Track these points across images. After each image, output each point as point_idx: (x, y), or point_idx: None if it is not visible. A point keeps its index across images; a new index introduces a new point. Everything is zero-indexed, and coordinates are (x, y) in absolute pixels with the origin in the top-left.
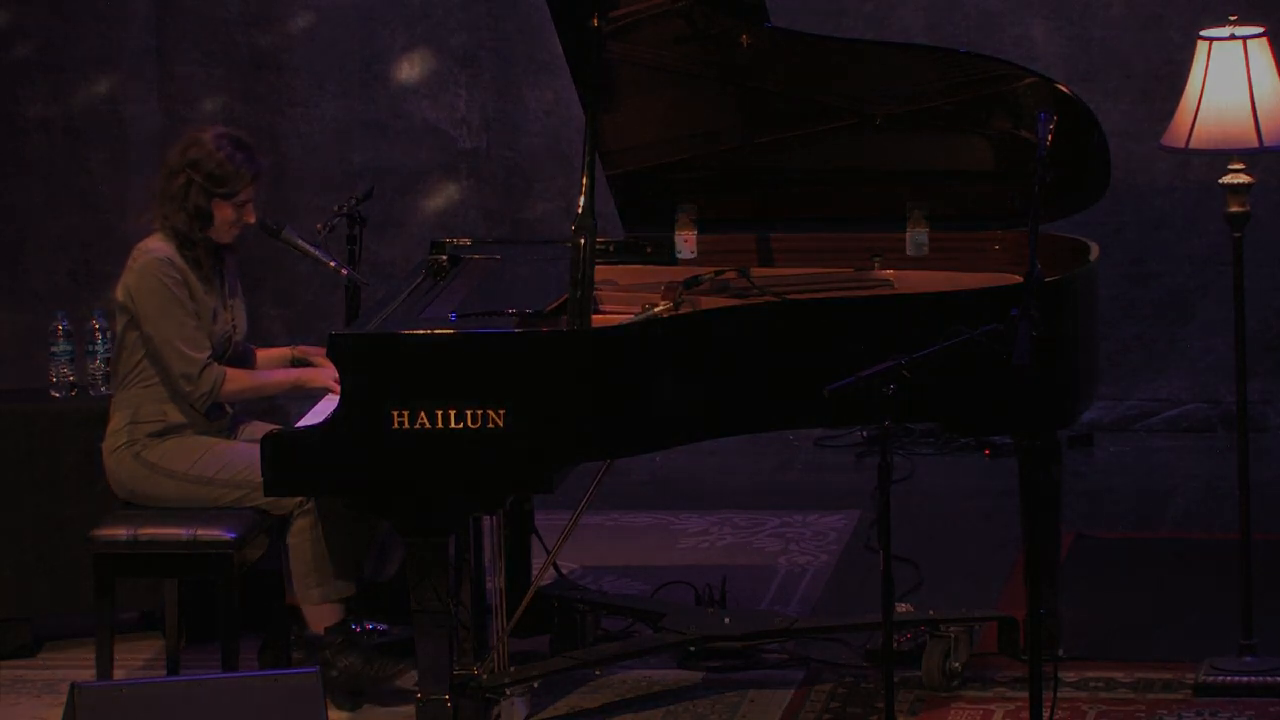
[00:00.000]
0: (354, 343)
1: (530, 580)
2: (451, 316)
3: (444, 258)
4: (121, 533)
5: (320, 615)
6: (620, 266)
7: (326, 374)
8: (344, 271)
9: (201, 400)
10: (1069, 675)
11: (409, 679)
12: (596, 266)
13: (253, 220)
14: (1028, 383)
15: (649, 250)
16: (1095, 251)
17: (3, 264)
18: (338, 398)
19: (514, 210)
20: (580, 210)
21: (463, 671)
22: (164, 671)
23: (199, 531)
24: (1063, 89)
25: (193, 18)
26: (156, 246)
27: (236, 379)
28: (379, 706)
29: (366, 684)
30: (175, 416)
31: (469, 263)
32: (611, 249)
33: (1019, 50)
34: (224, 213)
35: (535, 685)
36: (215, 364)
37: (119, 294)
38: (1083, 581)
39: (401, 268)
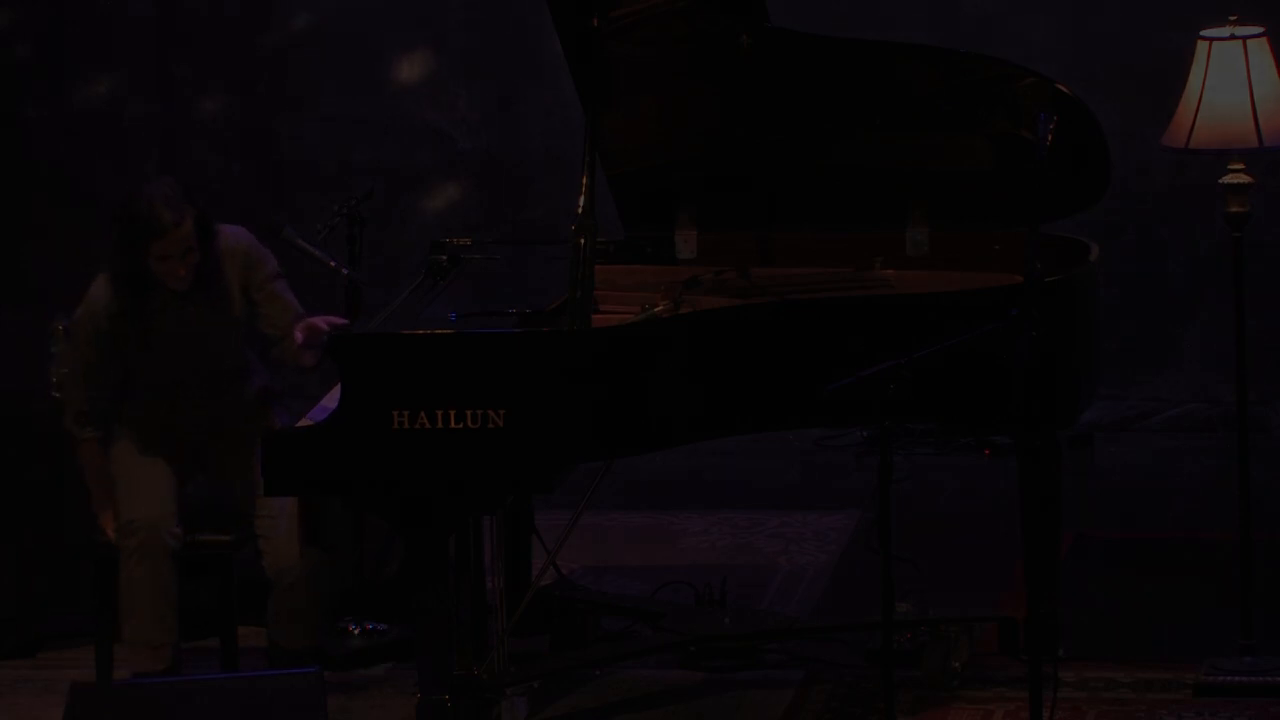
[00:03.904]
0: (355, 343)
1: (530, 580)
2: (451, 316)
3: (444, 258)
4: None
5: (142, 660)
6: (620, 266)
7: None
8: (344, 271)
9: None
10: (1069, 675)
11: (409, 679)
12: (596, 266)
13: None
14: (1028, 383)
15: (649, 250)
16: (1095, 251)
17: (3, 264)
18: (338, 398)
19: (514, 210)
20: (580, 210)
21: (463, 671)
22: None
23: (199, 532)
24: (1063, 89)
25: (193, 18)
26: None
27: (86, 456)
28: (379, 706)
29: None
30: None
31: (469, 263)
32: (611, 249)
33: (1019, 50)
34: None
35: (535, 685)
36: (88, 422)
37: None
38: (1083, 581)
39: (402, 268)
